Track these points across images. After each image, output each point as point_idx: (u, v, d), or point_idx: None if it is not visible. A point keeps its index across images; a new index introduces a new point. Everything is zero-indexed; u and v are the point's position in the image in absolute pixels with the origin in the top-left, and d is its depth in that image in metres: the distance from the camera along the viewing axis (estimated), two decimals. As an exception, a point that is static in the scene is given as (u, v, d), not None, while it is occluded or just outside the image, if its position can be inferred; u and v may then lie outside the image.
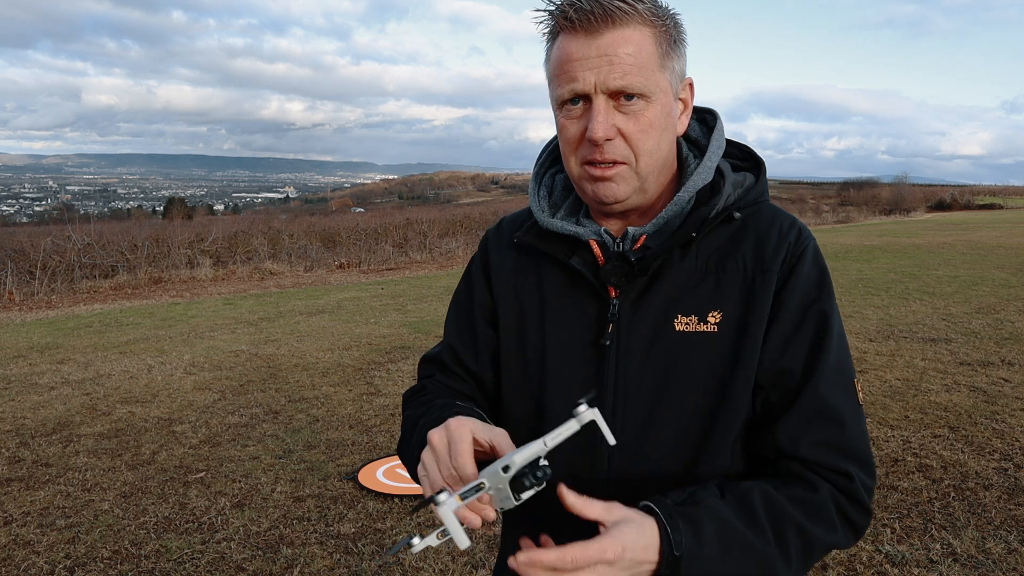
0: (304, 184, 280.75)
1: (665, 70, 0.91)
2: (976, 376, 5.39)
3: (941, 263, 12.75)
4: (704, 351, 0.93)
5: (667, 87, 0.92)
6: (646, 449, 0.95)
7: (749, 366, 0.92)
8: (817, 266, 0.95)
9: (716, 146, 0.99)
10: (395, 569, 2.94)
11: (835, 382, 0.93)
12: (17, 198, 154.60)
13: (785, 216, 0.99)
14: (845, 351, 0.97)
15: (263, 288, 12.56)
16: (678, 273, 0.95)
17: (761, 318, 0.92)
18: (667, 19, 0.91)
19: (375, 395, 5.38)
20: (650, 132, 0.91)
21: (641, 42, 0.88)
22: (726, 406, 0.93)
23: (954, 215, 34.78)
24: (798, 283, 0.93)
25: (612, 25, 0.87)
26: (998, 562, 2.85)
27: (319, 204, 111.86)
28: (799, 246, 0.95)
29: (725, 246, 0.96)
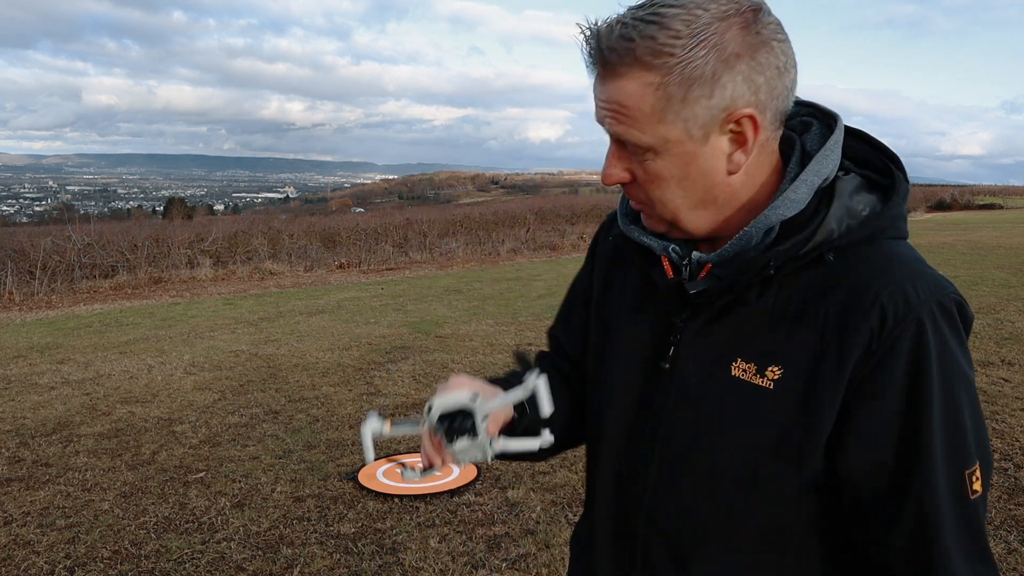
0: (304, 184, 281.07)
1: (672, 120, 0.77)
2: (976, 376, 5.39)
3: (941, 263, 12.75)
4: (754, 408, 0.82)
5: (680, 137, 0.78)
6: (677, 494, 0.89)
7: (800, 445, 0.80)
8: (918, 359, 0.75)
9: (814, 170, 0.81)
10: (395, 569, 2.95)
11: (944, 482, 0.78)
12: (17, 198, 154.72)
13: (901, 272, 0.78)
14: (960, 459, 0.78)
15: (263, 288, 12.56)
16: (751, 312, 0.83)
17: (826, 396, 0.78)
18: (691, 51, 0.74)
19: (375, 395, 5.38)
20: (659, 183, 0.82)
21: (639, 93, 0.77)
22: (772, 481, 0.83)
23: (954, 215, 34.78)
24: (885, 380, 0.77)
25: (612, 74, 0.78)
26: (998, 562, 2.85)
27: (319, 204, 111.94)
28: (896, 325, 0.76)
29: (811, 292, 0.80)
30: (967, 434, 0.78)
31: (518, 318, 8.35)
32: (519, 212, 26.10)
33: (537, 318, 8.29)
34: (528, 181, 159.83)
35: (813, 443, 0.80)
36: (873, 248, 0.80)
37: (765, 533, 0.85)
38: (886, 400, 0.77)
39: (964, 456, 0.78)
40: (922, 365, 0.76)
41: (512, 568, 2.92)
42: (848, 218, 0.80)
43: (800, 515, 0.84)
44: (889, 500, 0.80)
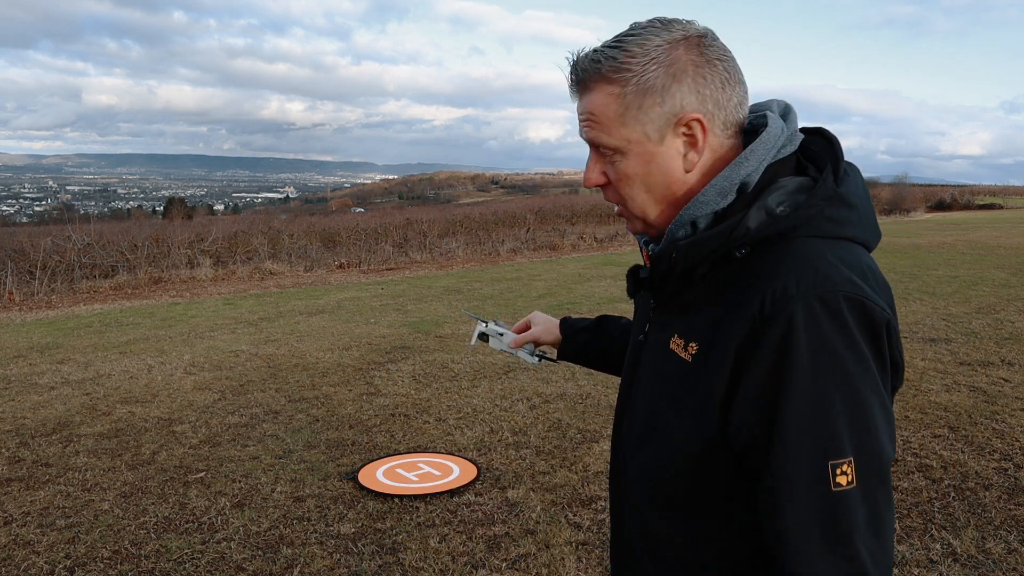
0: (304, 184, 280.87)
1: (632, 123, 0.92)
2: (976, 376, 5.40)
3: (941, 263, 12.75)
4: (680, 378, 0.93)
5: (640, 138, 0.92)
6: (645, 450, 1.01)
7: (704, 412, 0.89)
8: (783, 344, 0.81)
9: (724, 175, 0.91)
10: (395, 569, 2.95)
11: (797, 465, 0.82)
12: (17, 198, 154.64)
13: (796, 266, 0.85)
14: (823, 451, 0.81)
15: (263, 288, 12.56)
16: (689, 295, 0.95)
17: (716, 371, 0.87)
18: (644, 67, 0.90)
19: (375, 395, 5.38)
20: (627, 181, 0.95)
21: (604, 101, 0.92)
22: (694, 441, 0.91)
23: (954, 215, 34.78)
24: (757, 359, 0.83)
25: (584, 88, 0.94)
26: (998, 562, 2.85)
27: (319, 204, 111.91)
28: (774, 318, 0.82)
29: (728, 280, 0.90)
30: (836, 426, 0.81)
31: (518, 318, 8.35)
32: (519, 212, 26.10)
33: (537, 318, 8.30)
34: (528, 181, 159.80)
35: (710, 406, 0.89)
36: (781, 245, 0.88)
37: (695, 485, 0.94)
38: (754, 379, 0.84)
39: (827, 447, 0.81)
40: (788, 353, 0.81)
41: (512, 568, 2.92)
42: (767, 217, 0.89)
43: (714, 472, 0.91)
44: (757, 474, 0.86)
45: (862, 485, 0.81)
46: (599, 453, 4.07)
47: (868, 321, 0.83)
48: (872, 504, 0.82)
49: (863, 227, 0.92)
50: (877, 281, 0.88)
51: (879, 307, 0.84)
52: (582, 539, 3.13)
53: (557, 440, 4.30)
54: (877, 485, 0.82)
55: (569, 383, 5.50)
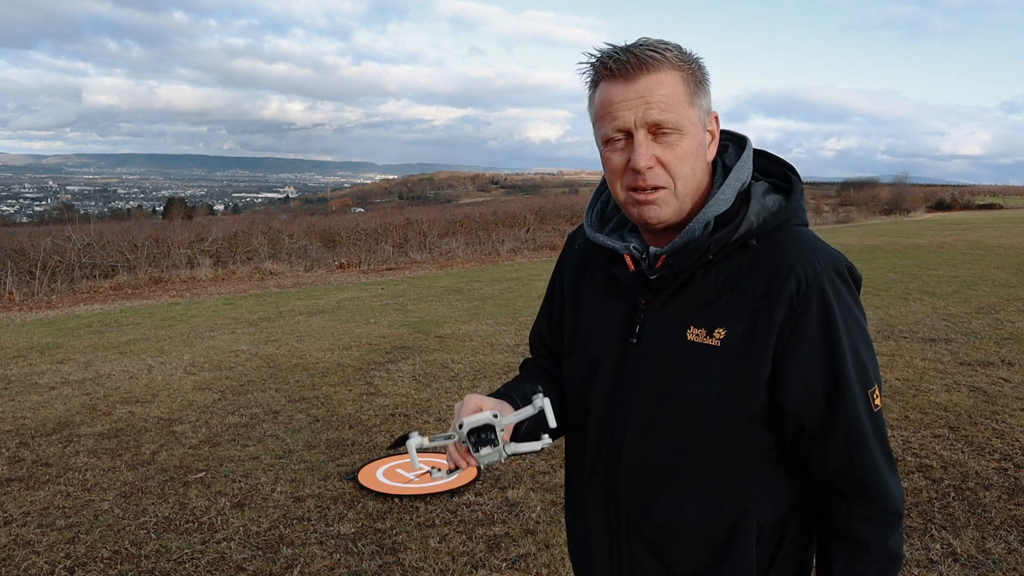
0: (304, 184, 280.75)
1: (694, 107, 1.04)
2: (976, 376, 5.39)
3: (941, 263, 12.75)
4: (707, 363, 1.05)
5: (697, 121, 1.04)
6: (651, 439, 1.11)
7: (746, 389, 1.04)
8: (825, 309, 1.01)
9: (735, 177, 1.07)
10: (395, 569, 2.95)
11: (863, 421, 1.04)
12: (17, 198, 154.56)
13: (806, 249, 1.04)
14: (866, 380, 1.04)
15: (263, 288, 12.56)
16: (698, 289, 1.07)
17: (762, 348, 1.03)
18: (692, 63, 1.05)
19: (375, 395, 5.38)
20: (685, 160, 1.04)
21: (672, 83, 1.02)
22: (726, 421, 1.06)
23: (954, 215, 34.78)
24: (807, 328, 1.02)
25: (646, 71, 1.01)
26: (998, 562, 2.85)
27: (319, 204, 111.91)
28: (808, 287, 1.02)
29: (742, 270, 1.05)
30: (866, 363, 1.04)
31: (518, 318, 8.35)
32: (519, 212, 26.09)
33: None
34: (528, 181, 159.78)
35: (756, 386, 1.03)
36: (783, 233, 1.06)
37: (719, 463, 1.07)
38: (808, 343, 1.01)
39: (867, 379, 1.04)
40: (829, 315, 1.01)
41: (512, 568, 2.92)
42: (763, 212, 1.06)
43: (746, 446, 1.07)
44: (825, 421, 1.03)
45: (883, 402, 1.07)
46: (599, 453, 4.07)
47: (856, 279, 1.07)
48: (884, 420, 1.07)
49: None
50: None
51: (857, 270, 1.07)
52: (582, 539, 3.13)
53: (557, 440, 4.29)
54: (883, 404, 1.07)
55: (569, 383, 5.50)
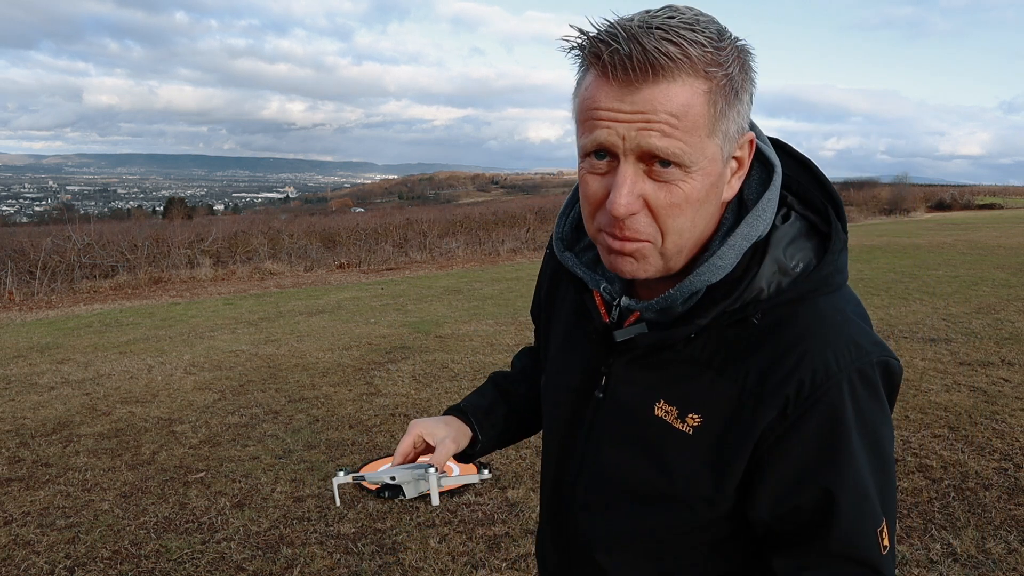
0: (304, 184, 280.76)
1: (717, 134, 0.71)
2: (976, 376, 5.39)
3: (941, 263, 12.75)
4: (671, 448, 0.83)
5: (715, 154, 0.72)
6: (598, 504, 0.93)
7: (710, 492, 0.82)
8: (832, 426, 0.75)
9: (745, 231, 0.77)
10: (395, 569, 2.95)
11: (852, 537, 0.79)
12: (17, 198, 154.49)
13: (826, 337, 0.76)
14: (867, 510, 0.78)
15: (263, 288, 12.56)
16: (677, 356, 0.82)
17: (737, 451, 0.79)
18: (730, 65, 0.70)
19: (375, 395, 5.38)
20: (684, 208, 0.73)
21: (690, 101, 0.68)
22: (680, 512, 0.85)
23: (954, 215, 34.78)
24: (796, 444, 0.77)
25: (655, 78, 0.68)
26: (998, 562, 2.85)
27: (319, 204, 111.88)
28: (812, 393, 0.75)
29: (738, 347, 0.79)
30: (874, 494, 0.78)
31: (518, 318, 8.35)
32: (519, 212, 26.09)
33: (537, 318, 8.29)
34: (528, 181, 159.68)
35: (725, 488, 0.82)
36: (801, 307, 0.77)
37: (672, 549, 0.88)
38: (797, 458, 0.77)
39: (873, 516, 0.78)
40: (838, 435, 0.76)
41: (512, 568, 2.92)
42: (780, 275, 0.77)
43: (706, 538, 0.87)
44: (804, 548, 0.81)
45: (891, 545, 0.80)
46: (599, 453, 4.07)
47: (892, 381, 0.79)
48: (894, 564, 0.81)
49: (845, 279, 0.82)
50: (866, 316, 0.82)
51: (897, 362, 0.79)
52: (582, 539, 3.13)
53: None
54: (894, 546, 0.82)
55: (569, 383, 5.50)
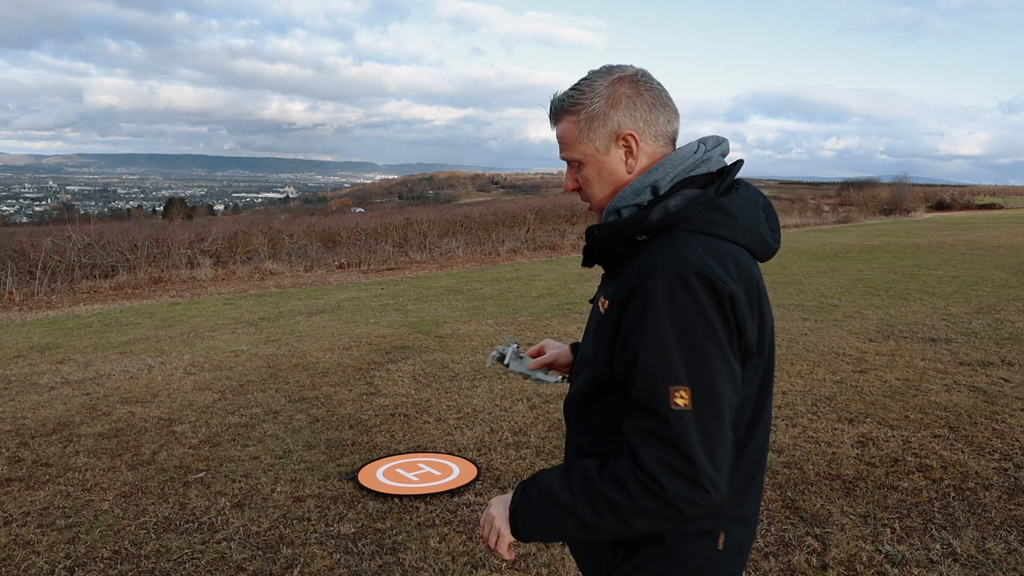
0: (304, 184, 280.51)
1: (587, 142, 1.25)
2: (976, 376, 5.39)
3: (941, 263, 12.75)
4: (596, 327, 1.25)
5: (593, 152, 1.25)
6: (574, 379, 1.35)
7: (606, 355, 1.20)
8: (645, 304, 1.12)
9: (642, 179, 1.23)
10: (395, 569, 2.95)
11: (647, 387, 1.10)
12: (17, 198, 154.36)
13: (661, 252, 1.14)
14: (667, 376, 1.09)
15: (263, 288, 12.56)
16: (612, 272, 1.26)
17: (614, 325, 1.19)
18: (592, 103, 1.24)
19: (375, 395, 5.38)
20: (590, 183, 1.28)
21: (567, 128, 1.27)
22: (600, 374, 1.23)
23: (954, 215, 34.78)
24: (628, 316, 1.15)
25: (557, 119, 1.30)
26: (998, 562, 2.85)
27: (319, 204, 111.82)
28: (643, 283, 1.13)
29: (632, 256, 1.21)
30: (675, 361, 1.08)
31: (518, 318, 8.36)
32: (519, 212, 26.10)
33: (537, 318, 8.29)
34: (528, 181, 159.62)
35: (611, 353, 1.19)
36: (667, 234, 1.17)
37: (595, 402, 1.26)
38: (625, 326, 1.15)
39: (667, 376, 1.08)
40: (646, 310, 1.11)
41: (512, 568, 2.92)
42: (662, 212, 1.17)
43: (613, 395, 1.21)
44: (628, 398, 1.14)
45: (696, 410, 1.08)
46: (599, 453, 4.07)
47: (714, 291, 1.10)
48: (703, 427, 1.08)
49: (738, 231, 1.18)
50: (738, 269, 1.14)
51: (723, 282, 1.10)
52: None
53: (557, 440, 4.29)
54: (711, 415, 1.08)
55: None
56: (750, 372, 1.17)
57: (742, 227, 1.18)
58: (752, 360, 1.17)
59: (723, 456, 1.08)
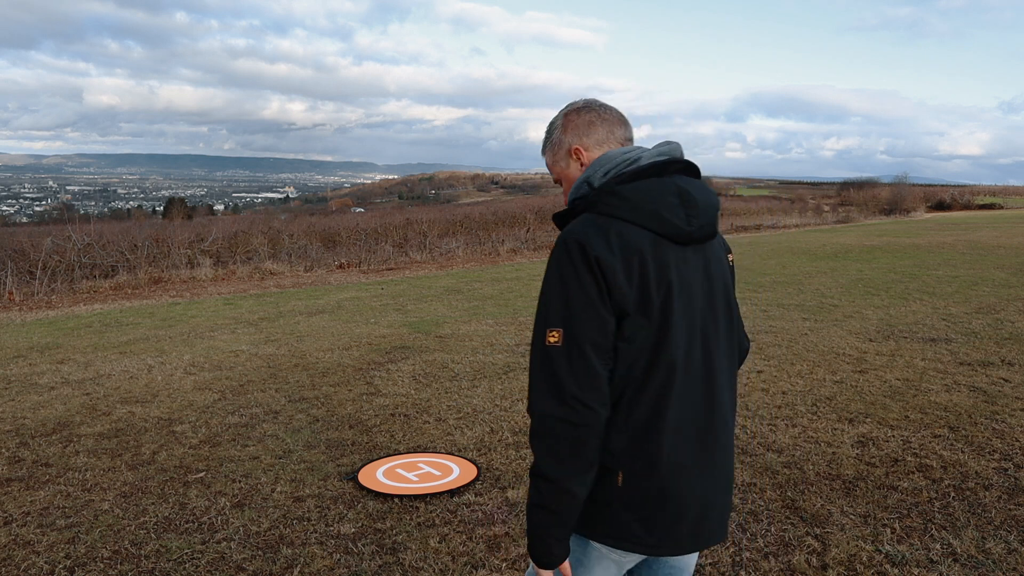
0: (304, 184, 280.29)
1: (556, 163, 1.64)
2: (976, 376, 5.39)
3: (941, 263, 12.75)
4: None
5: (561, 169, 1.63)
6: None
7: None
8: (547, 265, 1.44)
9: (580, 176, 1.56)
10: (395, 569, 2.94)
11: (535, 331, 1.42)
12: (17, 198, 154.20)
13: (570, 225, 1.47)
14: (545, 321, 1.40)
15: (263, 288, 12.56)
16: None
17: None
18: (551, 132, 1.64)
19: (375, 395, 5.38)
20: (565, 191, 1.64)
21: (547, 158, 1.67)
22: None
23: (954, 215, 34.77)
24: None
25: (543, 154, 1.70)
26: (998, 562, 2.85)
27: (319, 204, 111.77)
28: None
29: None
30: (549, 306, 1.39)
31: (518, 318, 8.35)
32: (519, 212, 26.09)
33: (537, 318, 8.29)
34: (528, 181, 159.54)
35: None
36: (580, 215, 1.49)
37: None
38: None
39: (546, 318, 1.39)
40: (547, 268, 1.43)
41: (512, 568, 2.92)
42: (580, 199, 1.51)
43: None
44: None
45: (565, 346, 1.36)
46: (599, 453, 4.07)
47: (583, 254, 1.37)
48: (571, 360, 1.36)
49: (633, 214, 1.41)
50: (621, 243, 1.39)
51: (594, 249, 1.37)
52: (582, 539, 3.13)
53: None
54: (577, 351, 1.35)
55: (569, 383, 5.50)
56: (633, 329, 1.38)
57: (639, 211, 1.41)
58: (631, 319, 1.38)
59: (587, 381, 1.35)
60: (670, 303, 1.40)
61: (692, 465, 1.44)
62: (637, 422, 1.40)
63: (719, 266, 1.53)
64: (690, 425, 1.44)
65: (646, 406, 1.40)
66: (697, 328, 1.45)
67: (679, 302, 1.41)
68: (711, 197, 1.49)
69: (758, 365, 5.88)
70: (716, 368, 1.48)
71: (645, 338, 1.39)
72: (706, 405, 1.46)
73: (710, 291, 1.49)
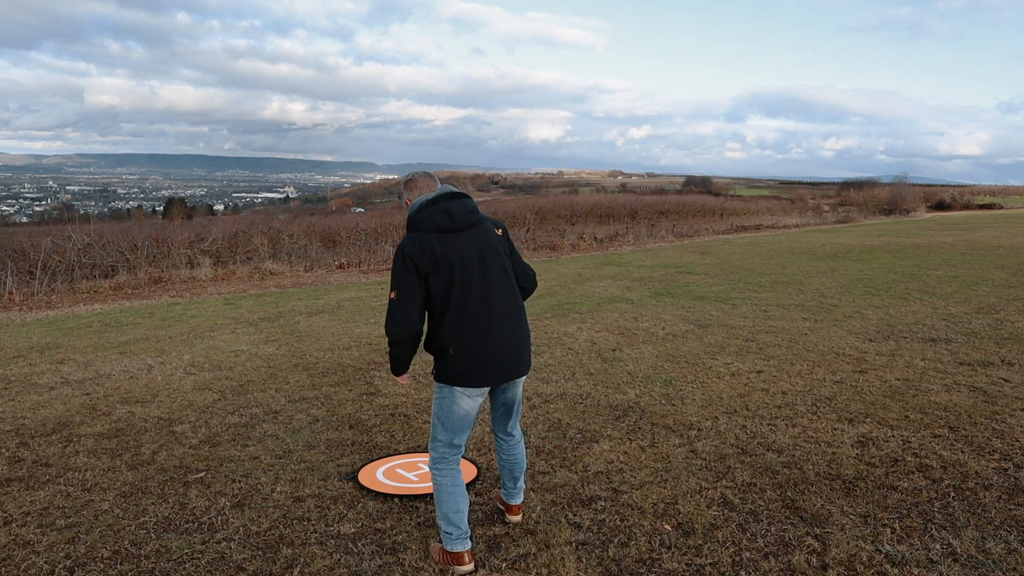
0: (304, 184, 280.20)
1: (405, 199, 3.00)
2: (976, 376, 5.40)
3: (941, 263, 12.75)
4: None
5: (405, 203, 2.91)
6: None
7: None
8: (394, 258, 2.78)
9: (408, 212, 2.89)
10: (395, 569, 2.95)
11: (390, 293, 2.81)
12: (17, 198, 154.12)
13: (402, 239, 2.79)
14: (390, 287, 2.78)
15: (263, 288, 12.56)
16: None
17: None
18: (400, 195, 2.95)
19: (375, 395, 5.38)
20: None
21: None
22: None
23: (954, 215, 34.78)
24: None
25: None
26: (998, 562, 2.85)
27: (319, 204, 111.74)
28: None
29: None
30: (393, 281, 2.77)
31: (518, 318, 8.34)
32: (519, 212, 26.08)
33: (537, 318, 8.28)
34: (528, 181, 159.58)
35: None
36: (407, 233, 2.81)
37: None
38: None
39: (391, 285, 2.78)
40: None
41: (512, 568, 2.92)
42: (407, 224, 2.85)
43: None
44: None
45: (396, 299, 2.75)
46: (599, 453, 4.07)
47: (403, 254, 2.74)
48: (399, 306, 2.75)
49: (424, 226, 2.76)
50: (420, 245, 2.74)
51: (408, 251, 2.72)
52: (582, 539, 3.13)
53: (557, 440, 4.30)
54: (399, 301, 2.74)
55: (569, 383, 5.50)
56: (436, 279, 2.73)
57: (426, 224, 2.75)
58: (432, 275, 2.72)
59: (405, 316, 2.74)
60: (453, 265, 2.72)
61: (483, 336, 2.76)
62: (451, 321, 2.74)
63: (489, 237, 2.83)
64: (479, 320, 2.76)
65: (453, 312, 2.75)
66: (475, 272, 2.75)
67: (458, 264, 2.73)
68: (466, 206, 2.80)
69: (758, 365, 5.88)
70: (493, 293, 2.78)
71: (441, 284, 2.73)
72: (483, 309, 2.76)
73: (482, 252, 2.79)
